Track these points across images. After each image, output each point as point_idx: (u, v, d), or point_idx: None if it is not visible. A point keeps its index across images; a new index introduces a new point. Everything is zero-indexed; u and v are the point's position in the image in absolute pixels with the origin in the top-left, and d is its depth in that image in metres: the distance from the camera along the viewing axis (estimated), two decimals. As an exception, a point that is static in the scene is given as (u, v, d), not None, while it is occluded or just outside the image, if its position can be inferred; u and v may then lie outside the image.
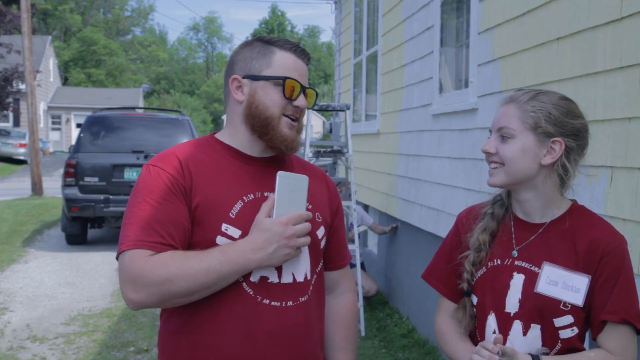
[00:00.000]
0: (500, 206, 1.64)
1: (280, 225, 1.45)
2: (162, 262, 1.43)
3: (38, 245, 8.96)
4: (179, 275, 1.42)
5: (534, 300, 1.51)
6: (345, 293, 1.78)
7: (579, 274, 1.50)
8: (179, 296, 1.45)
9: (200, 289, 1.45)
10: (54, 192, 15.03)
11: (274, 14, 67.46)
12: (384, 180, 6.10)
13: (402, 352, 4.64)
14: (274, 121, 1.54)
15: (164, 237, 1.46)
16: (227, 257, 1.44)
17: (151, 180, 1.51)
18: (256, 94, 1.56)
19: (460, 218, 1.73)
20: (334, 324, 1.74)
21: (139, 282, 1.43)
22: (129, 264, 1.44)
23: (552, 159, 1.52)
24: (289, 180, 1.50)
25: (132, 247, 1.45)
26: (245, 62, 1.58)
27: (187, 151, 1.58)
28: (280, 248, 1.45)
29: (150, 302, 1.45)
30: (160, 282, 1.41)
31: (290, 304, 1.55)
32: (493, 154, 1.55)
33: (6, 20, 22.65)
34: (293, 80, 1.55)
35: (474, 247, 1.61)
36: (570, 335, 1.51)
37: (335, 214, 1.73)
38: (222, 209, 1.51)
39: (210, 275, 1.43)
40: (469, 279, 1.60)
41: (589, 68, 2.60)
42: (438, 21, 4.59)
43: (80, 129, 8.91)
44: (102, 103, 31.14)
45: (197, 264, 1.43)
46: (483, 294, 1.59)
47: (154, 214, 1.47)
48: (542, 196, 1.56)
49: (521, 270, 1.55)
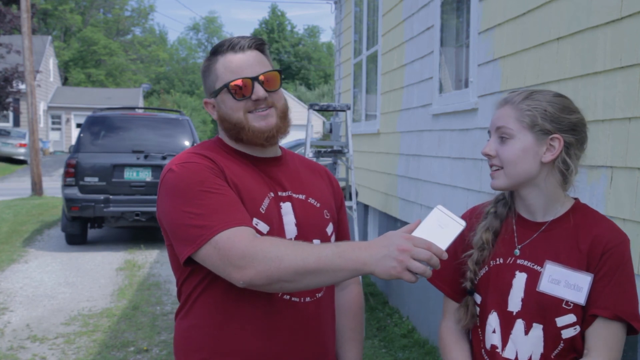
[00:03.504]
0: (503, 205, 1.64)
1: (400, 237, 1.34)
2: (270, 241, 1.40)
3: (38, 245, 8.96)
4: (289, 255, 1.36)
5: (536, 298, 1.51)
6: (351, 285, 1.81)
7: (582, 272, 1.50)
8: (287, 278, 1.38)
9: (309, 274, 1.37)
10: (54, 192, 15.03)
11: (274, 14, 67.44)
12: (384, 180, 6.10)
13: (402, 352, 4.64)
14: (242, 123, 1.57)
15: (247, 216, 1.45)
16: (339, 248, 1.37)
17: (194, 172, 1.48)
18: (220, 109, 1.60)
19: (464, 217, 1.71)
20: (340, 315, 1.77)
21: (247, 259, 1.38)
22: (233, 242, 1.39)
23: (553, 156, 1.52)
24: (443, 216, 1.40)
25: (231, 226, 1.40)
26: (205, 83, 1.64)
27: (203, 151, 1.59)
28: (387, 257, 1.32)
29: (260, 279, 1.38)
30: (271, 258, 1.36)
31: (308, 300, 1.58)
32: (493, 157, 1.56)
33: (6, 20, 22.64)
34: (236, 79, 1.54)
35: (477, 245, 1.61)
36: (572, 335, 1.50)
37: (339, 209, 1.77)
38: (254, 204, 1.53)
39: (321, 260, 1.35)
40: (472, 277, 1.61)
41: (589, 68, 2.60)
42: (438, 21, 4.59)
43: (80, 129, 8.91)
44: (102, 103, 31.13)
45: (310, 249, 1.39)
46: (486, 292, 1.59)
47: (222, 200, 1.44)
48: (544, 194, 1.56)
49: (523, 269, 1.55)
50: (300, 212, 1.61)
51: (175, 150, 8.72)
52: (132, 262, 7.84)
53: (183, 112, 10.51)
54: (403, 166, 5.42)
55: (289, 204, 1.61)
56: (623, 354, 1.53)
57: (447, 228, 1.39)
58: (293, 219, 1.60)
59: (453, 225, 1.40)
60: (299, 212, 1.62)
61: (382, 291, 6.35)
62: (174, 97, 54.34)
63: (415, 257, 1.31)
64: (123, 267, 7.59)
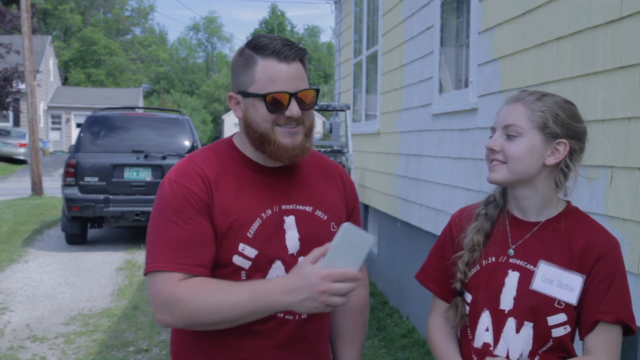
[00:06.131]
0: (494, 207, 1.65)
1: (317, 278, 1.37)
2: (191, 291, 1.43)
3: (38, 245, 8.96)
4: (205, 308, 1.42)
5: (528, 297, 1.53)
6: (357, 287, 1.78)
7: (574, 273, 1.52)
8: (205, 325, 1.47)
9: (225, 322, 1.45)
10: (54, 192, 15.03)
11: (273, 13, 67.45)
12: (384, 180, 6.10)
13: (402, 352, 4.64)
14: (269, 135, 1.51)
15: (193, 258, 1.47)
16: (257, 294, 1.41)
17: (175, 198, 1.50)
18: (248, 112, 1.53)
19: (454, 218, 1.74)
20: (341, 315, 1.76)
21: (167, 307, 1.45)
22: (160, 288, 1.45)
23: (556, 160, 1.54)
24: (352, 235, 1.41)
25: (163, 268, 1.46)
26: (236, 77, 1.56)
27: (207, 164, 1.56)
28: (310, 299, 1.38)
29: (178, 325, 1.49)
30: (188, 310, 1.43)
31: (304, 317, 1.57)
32: (497, 152, 1.55)
33: (6, 20, 22.64)
34: (276, 93, 1.48)
35: (468, 247, 1.62)
36: (562, 334, 1.52)
37: (351, 212, 1.73)
38: (241, 228, 1.51)
39: (237, 310, 1.42)
40: (462, 278, 1.61)
41: (589, 68, 2.60)
42: (438, 21, 4.59)
43: (80, 128, 8.90)
44: (102, 103, 31.13)
45: (226, 297, 1.43)
46: (477, 291, 1.60)
47: (182, 235, 1.47)
48: (540, 195, 1.58)
49: (516, 268, 1.56)
50: (304, 226, 1.58)
51: (175, 150, 8.73)
52: (132, 262, 7.84)
53: (183, 112, 10.51)
54: (403, 166, 5.42)
55: (292, 218, 1.58)
56: (623, 353, 1.54)
57: (358, 246, 1.41)
58: (296, 233, 1.58)
59: (363, 241, 1.42)
60: (303, 227, 1.59)
61: (382, 291, 6.35)
62: (174, 97, 54.36)
63: (335, 294, 1.38)
64: (123, 267, 7.59)
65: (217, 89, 59.15)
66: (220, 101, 57.90)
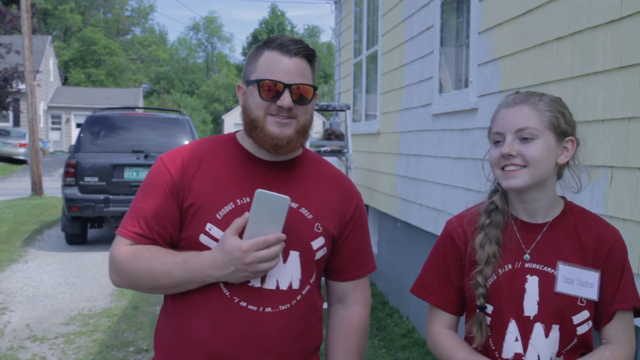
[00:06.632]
0: (500, 214, 1.60)
1: (240, 252, 1.46)
2: (133, 255, 1.55)
3: (38, 245, 8.96)
4: (143, 272, 1.54)
5: (553, 300, 1.52)
6: (354, 305, 1.71)
7: (590, 269, 1.54)
8: (144, 288, 1.59)
9: (163, 288, 1.56)
10: (54, 192, 15.02)
11: (273, 13, 67.45)
12: (384, 180, 6.10)
13: (402, 352, 4.64)
14: (259, 122, 1.56)
15: (143, 229, 1.56)
16: (188, 267, 1.51)
17: (154, 174, 1.61)
18: (247, 99, 1.60)
19: (454, 228, 1.66)
20: (337, 334, 1.70)
21: (112, 266, 1.59)
22: (113, 247, 1.59)
23: (567, 158, 1.56)
24: (267, 199, 1.46)
25: (119, 232, 1.59)
26: (244, 69, 1.64)
27: (198, 149, 1.64)
28: (238, 271, 1.49)
29: (122, 284, 1.60)
30: (127, 272, 1.56)
31: (268, 310, 1.54)
32: (514, 156, 1.51)
33: (6, 20, 22.64)
34: (271, 80, 1.53)
35: (484, 260, 1.55)
36: (586, 330, 1.54)
37: (347, 224, 1.67)
38: (211, 209, 1.55)
39: (170, 279, 1.52)
40: (483, 293, 1.55)
41: (589, 68, 2.60)
42: (438, 21, 4.59)
43: (80, 128, 8.90)
44: (102, 103, 31.13)
45: (160, 266, 1.53)
46: (499, 301, 1.55)
47: (143, 207, 1.58)
48: (549, 195, 1.58)
49: (534, 272, 1.55)
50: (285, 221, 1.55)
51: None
52: (132, 262, 7.83)
53: (183, 112, 10.51)
54: (403, 166, 5.42)
55: None
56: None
57: (275, 209, 1.47)
58: None
59: (279, 203, 1.47)
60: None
61: (382, 291, 6.36)
62: (174, 97, 54.36)
63: (262, 261, 1.47)
64: (123, 267, 7.58)
65: (217, 89, 59.14)
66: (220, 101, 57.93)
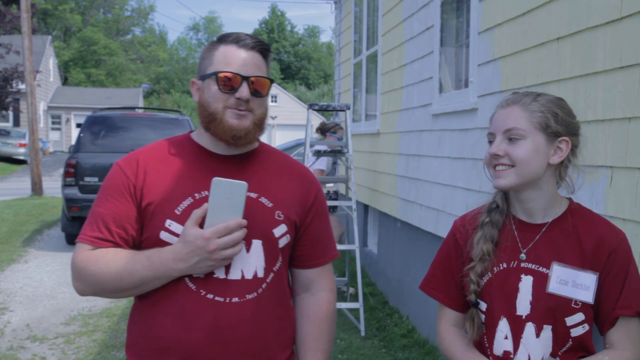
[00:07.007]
0: (499, 213, 1.63)
1: (202, 240, 1.47)
2: (94, 259, 1.55)
3: (38, 245, 8.96)
4: (105, 274, 1.53)
5: (545, 300, 1.52)
6: (321, 292, 1.74)
7: (587, 271, 1.52)
8: (109, 292, 1.58)
9: (127, 288, 1.55)
10: (54, 192, 15.03)
11: (273, 13, 67.44)
12: (384, 180, 6.10)
13: (402, 352, 4.64)
14: (217, 114, 1.57)
15: (103, 233, 1.57)
16: (151, 263, 1.51)
17: (110, 178, 1.62)
18: (203, 93, 1.61)
19: (457, 226, 1.71)
20: (305, 321, 1.71)
21: (75, 273, 1.58)
22: (74, 255, 1.59)
23: (560, 158, 1.55)
24: (224, 186, 1.47)
25: (79, 239, 1.60)
26: (199, 65, 1.65)
27: (152, 149, 1.66)
28: (203, 261, 1.49)
29: (87, 292, 1.59)
30: (90, 276, 1.55)
31: (235, 300, 1.55)
32: (502, 156, 1.54)
33: (6, 20, 22.64)
34: (229, 72, 1.55)
35: (478, 257, 1.59)
36: (581, 333, 1.53)
37: (308, 211, 1.70)
38: (169, 206, 1.56)
39: (134, 278, 1.52)
40: (475, 289, 1.59)
41: (589, 68, 2.60)
42: (438, 21, 4.59)
43: (80, 128, 8.90)
44: (102, 103, 31.13)
45: (123, 265, 1.52)
46: (492, 299, 1.58)
47: (101, 211, 1.59)
48: (546, 195, 1.58)
49: (529, 272, 1.55)
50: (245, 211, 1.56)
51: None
52: (132, 262, 7.83)
53: (183, 112, 10.51)
54: (403, 166, 5.42)
55: None
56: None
57: (233, 195, 1.48)
58: None
59: (237, 189, 1.48)
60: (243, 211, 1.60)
61: (382, 291, 6.35)
62: (173, 97, 54.31)
63: (226, 247, 1.48)
64: (123, 267, 7.58)
65: (217, 89, 58.96)
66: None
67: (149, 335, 1.57)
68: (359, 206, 7.41)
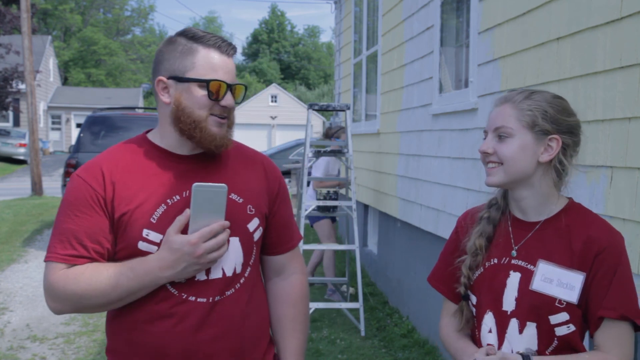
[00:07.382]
0: (497, 209, 1.66)
1: (189, 246, 1.47)
2: (73, 277, 1.50)
3: (38, 245, 8.95)
4: (89, 291, 1.50)
5: (529, 298, 1.53)
6: (294, 275, 1.78)
7: (574, 271, 1.51)
8: (92, 308, 1.55)
9: (113, 302, 1.53)
10: (54, 192, 15.03)
11: (273, 13, 67.43)
12: (383, 180, 6.11)
13: (402, 352, 4.64)
14: (202, 123, 1.54)
15: (78, 250, 1.52)
16: (135, 275, 1.49)
17: (74, 192, 1.55)
18: (182, 97, 1.55)
19: (459, 222, 1.76)
20: (281, 304, 1.74)
21: (52, 294, 1.53)
22: (47, 275, 1.53)
23: (550, 156, 1.55)
24: (205, 191, 1.48)
25: (50, 259, 1.53)
26: (169, 62, 1.56)
27: (114, 158, 1.60)
28: (190, 266, 1.49)
29: (66, 311, 1.56)
30: (71, 296, 1.51)
31: (217, 299, 1.56)
32: (491, 154, 1.57)
33: (6, 20, 22.64)
34: (218, 81, 1.53)
35: (471, 251, 1.64)
36: (566, 333, 1.52)
37: (274, 199, 1.72)
38: (144, 215, 1.53)
39: (119, 290, 1.50)
40: (465, 282, 1.63)
41: (589, 68, 2.60)
42: (438, 21, 4.59)
43: (80, 128, 8.90)
44: (102, 103, 31.14)
45: (106, 279, 1.49)
46: (481, 293, 1.61)
47: (71, 228, 1.52)
48: (539, 194, 1.58)
49: (518, 269, 1.57)
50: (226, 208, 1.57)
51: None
52: (132, 262, 7.83)
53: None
54: (403, 166, 5.42)
55: None
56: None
57: (214, 198, 1.49)
58: None
59: (217, 192, 1.49)
60: None
61: (382, 291, 6.35)
62: (173, 97, 54.17)
63: (211, 251, 1.49)
64: (123, 267, 7.58)
65: (217, 89, 59.00)
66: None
67: (135, 343, 1.57)
68: (359, 206, 7.41)
